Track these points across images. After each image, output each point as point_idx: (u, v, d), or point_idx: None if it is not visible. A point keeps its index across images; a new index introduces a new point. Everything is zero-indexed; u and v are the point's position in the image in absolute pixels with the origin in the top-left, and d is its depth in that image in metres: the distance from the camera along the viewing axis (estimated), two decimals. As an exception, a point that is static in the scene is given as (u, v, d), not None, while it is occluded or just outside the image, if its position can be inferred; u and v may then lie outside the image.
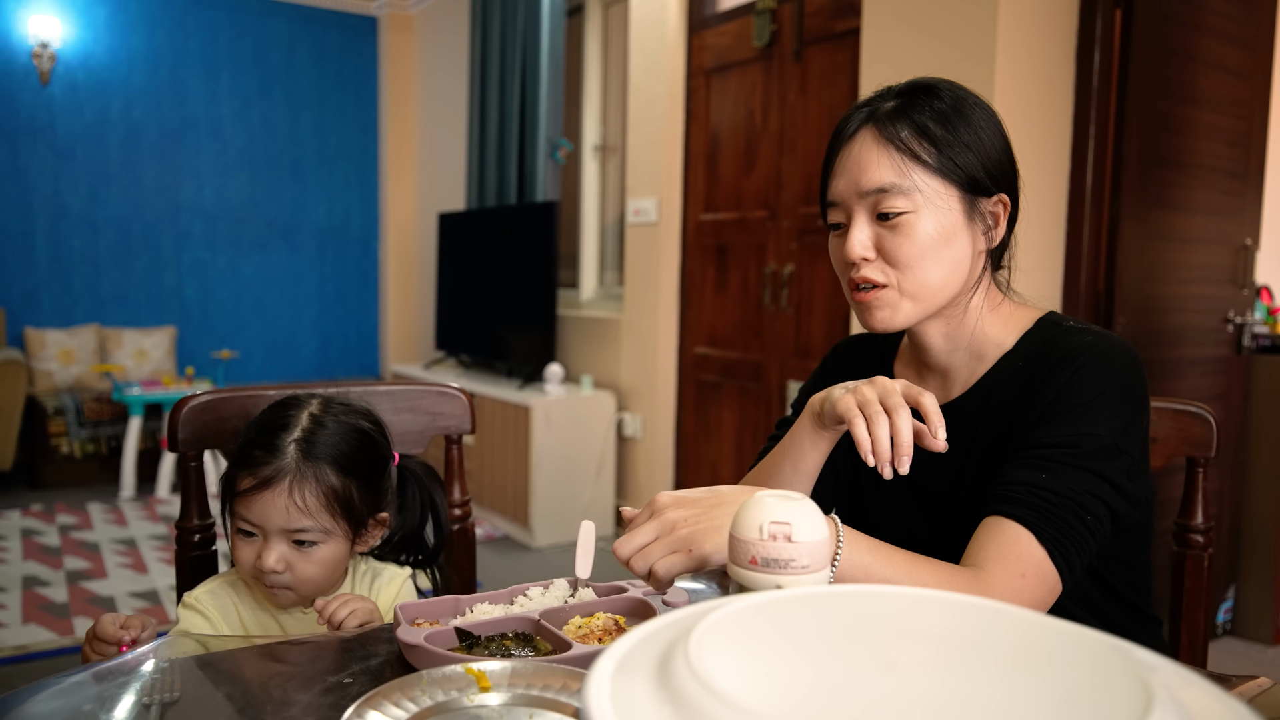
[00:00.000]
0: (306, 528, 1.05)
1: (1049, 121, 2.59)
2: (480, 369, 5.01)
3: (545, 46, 4.55)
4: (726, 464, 3.79)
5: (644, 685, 0.40)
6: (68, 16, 5.42)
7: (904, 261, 1.00)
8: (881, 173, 0.99)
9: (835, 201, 1.05)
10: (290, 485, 1.04)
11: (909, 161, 0.99)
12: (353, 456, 1.09)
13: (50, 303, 5.50)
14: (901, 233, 0.99)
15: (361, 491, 1.10)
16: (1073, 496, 0.91)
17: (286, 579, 1.05)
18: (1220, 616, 3.08)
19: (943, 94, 1.02)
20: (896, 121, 1.00)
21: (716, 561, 0.82)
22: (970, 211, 1.01)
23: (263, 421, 1.10)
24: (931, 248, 0.99)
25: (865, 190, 1.00)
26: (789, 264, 3.45)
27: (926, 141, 0.99)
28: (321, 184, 6.27)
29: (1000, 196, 1.03)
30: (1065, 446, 0.93)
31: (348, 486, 1.08)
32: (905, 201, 0.99)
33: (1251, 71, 2.94)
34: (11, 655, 2.79)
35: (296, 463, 1.05)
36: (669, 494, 0.88)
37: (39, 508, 4.49)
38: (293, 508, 1.04)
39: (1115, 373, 0.97)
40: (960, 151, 0.99)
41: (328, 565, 1.07)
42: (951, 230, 1.00)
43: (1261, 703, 0.72)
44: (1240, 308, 3.02)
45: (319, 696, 0.74)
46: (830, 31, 3.23)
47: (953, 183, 1.00)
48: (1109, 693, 0.39)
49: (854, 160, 1.02)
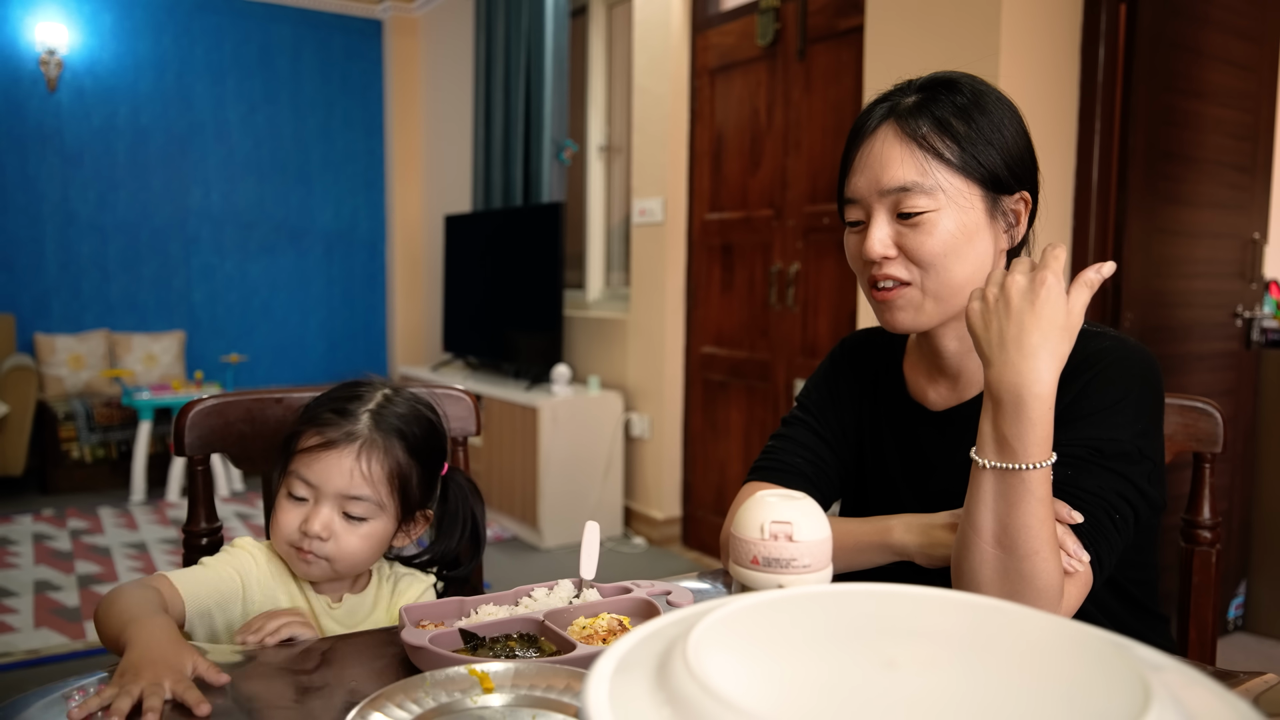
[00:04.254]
0: (364, 496, 1.03)
1: (1054, 117, 2.58)
2: (487, 370, 5.02)
3: (550, 47, 4.56)
4: (735, 463, 3.78)
5: (643, 685, 0.40)
6: (74, 23, 5.45)
7: (926, 260, 0.98)
8: (904, 171, 0.97)
9: (854, 199, 1.02)
10: (360, 450, 1.04)
11: (931, 159, 0.97)
12: (421, 439, 1.10)
13: (60, 309, 5.52)
14: (923, 231, 0.97)
15: (420, 477, 1.10)
16: (1100, 494, 0.91)
17: (329, 549, 1.03)
18: (1232, 612, 3.07)
19: (964, 89, 1.00)
20: (918, 117, 0.98)
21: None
22: (992, 210, 1.00)
23: (334, 393, 1.11)
24: (954, 246, 0.97)
25: (886, 188, 0.98)
26: (795, 263, 3.44)
27: (949, 138, 0.97)
28: (328, 187, 6.28)
29: (1022, 194, 1.01)
30: (1088, 448, 0.92)
31: (410, 467, 1.08)
32: (927, 200, 0.97)
33: (1258, 65, 2.93)
34: (23, 659, 2.81)
35: (369, 430, 1.05)
36: None
37: (50, 512, 4.52)
38: (357, 472, 1.03)
39: (1135, 379, 0.96)
40: (983, 149, 0.97)
41: (372, 541, 1.06)
42: (974, 229, 0.98)
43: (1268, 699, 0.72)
44: (1249, 302, 3.01)
45: (324, 699, 0.75)
46: (834, 29, 3.23)
47: (975, 181, 0.98)
48: (1108, 691, 0.39)
49: (875, 157, 0.99)
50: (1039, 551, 0.83)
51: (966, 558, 0.87)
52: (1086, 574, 0.89)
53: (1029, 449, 0.83)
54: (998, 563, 0.85)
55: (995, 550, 0.85)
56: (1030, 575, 0.84)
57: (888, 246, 0.99)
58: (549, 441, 3.96)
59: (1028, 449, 0.83)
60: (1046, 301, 0.84)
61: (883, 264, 1.00)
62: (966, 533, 0.87)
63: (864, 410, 1.17)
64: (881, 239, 0.99)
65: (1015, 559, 0.84)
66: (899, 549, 0.99)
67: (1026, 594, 0.84)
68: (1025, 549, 0.83)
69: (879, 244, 0.99)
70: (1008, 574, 0.85)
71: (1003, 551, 0.85)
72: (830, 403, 1.18)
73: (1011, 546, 0.84)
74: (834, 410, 1.18)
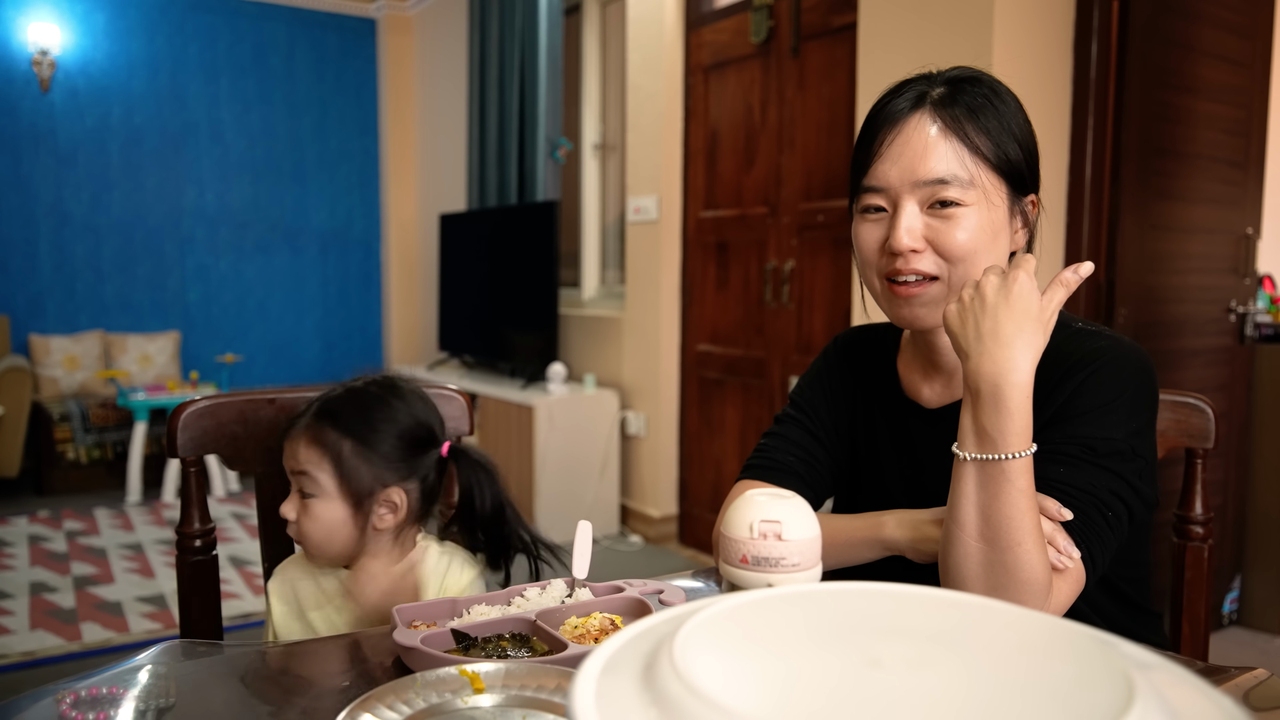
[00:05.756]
0: (305, 472, 1.10)
1: (1047, 114, 2.58)
2: (483, 369, 5.02)
3: (544, 45, 4.55)
4: (730, 461, 3.79)
5: (630, 685, 0.41)
6: (67, 24, 5.43)
7: (957, 254, 0.96)
8: (945, 163, 0.95)
9: (880, 186, 0.98)
10: (301, 432, 1.13)
11: (969, 152, 0.96)
12: (358, 419, 1.12)
13: (54, 309, 5.51)
14: (956, 224, 0.95)
15: (363, 457, 1.11)
16: (1093, 492, 0.91)
17: (295, 531, 1.13)
18: (1226, 606, 3.07)
19: (985, 83, 0.99)
20: (955, 109, 0.96)
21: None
22: (1013, 209, 1.00)
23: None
24: (982, 242, 0.96)
25: (924, 179, 0.95)
26: (790, 260, 3.44)
27: (984, 133, 0.96)
28: (323, 187, 6.28)
29: (1034, 196, 1.02)
30: (1082, 446, 0.93)
31: (343, 444, 1.10)
32: (966, 193, 0.95)
33: (1250, 60, 2.93)
34: (19, 661, 2.80)
35: (310, 413, 1.13)
36: None
37: (46, 514, 4.51)
38: (298, 451, 1.12)
39: (1129, 378, 0.96)
40: (1009, 144, 0.97)
41: (325, 526, 1.10)
42: (999, 226, 0.98)
43: (1258, 695, 0.72)
44: (1242, 297, 3.02)
45: (315, 700, 0.75)
46: (827, 26, 3.23)
47: (1003, 176, 0.97)
48: (1092, 689, 0.39)
49: (909, 146, 0.96)
50: (1021, 543, 0.83)
51: (952, 553, 0.87)
52: (1079, 571, 0.89)
53: (1008, 439, 0.84)
54: (982, 556, 0.85)
55: (979, 544, 0.85)
56: (1014, 567, 0.84)
57: (917, 239, 0.96)
58: (545, 440, 3.96)
59: (1007, 439, 0.84)
60: (1020, 296, 0.85)
61: (909, 257, 0.97)
62: (951, 528, 0.88)
63: (857, 407, 1.17)
64: (912, 230, 0.96)
65: (999, 551, 0.84)
66: (890, 544, 0.99)
67: (1011, 587, 0.84)
68: (1008, 540, 0.83)
69: (909, 235, 0.96)
70: (992, 567, 0.85)
71: (986, 545, 0.85)
72: (823, 400, 1.18)
73: (994, 539, 0.84)
74: (827, 408, 1.18)
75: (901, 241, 0.96)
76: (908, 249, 0.96)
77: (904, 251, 0.97)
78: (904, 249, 0.96)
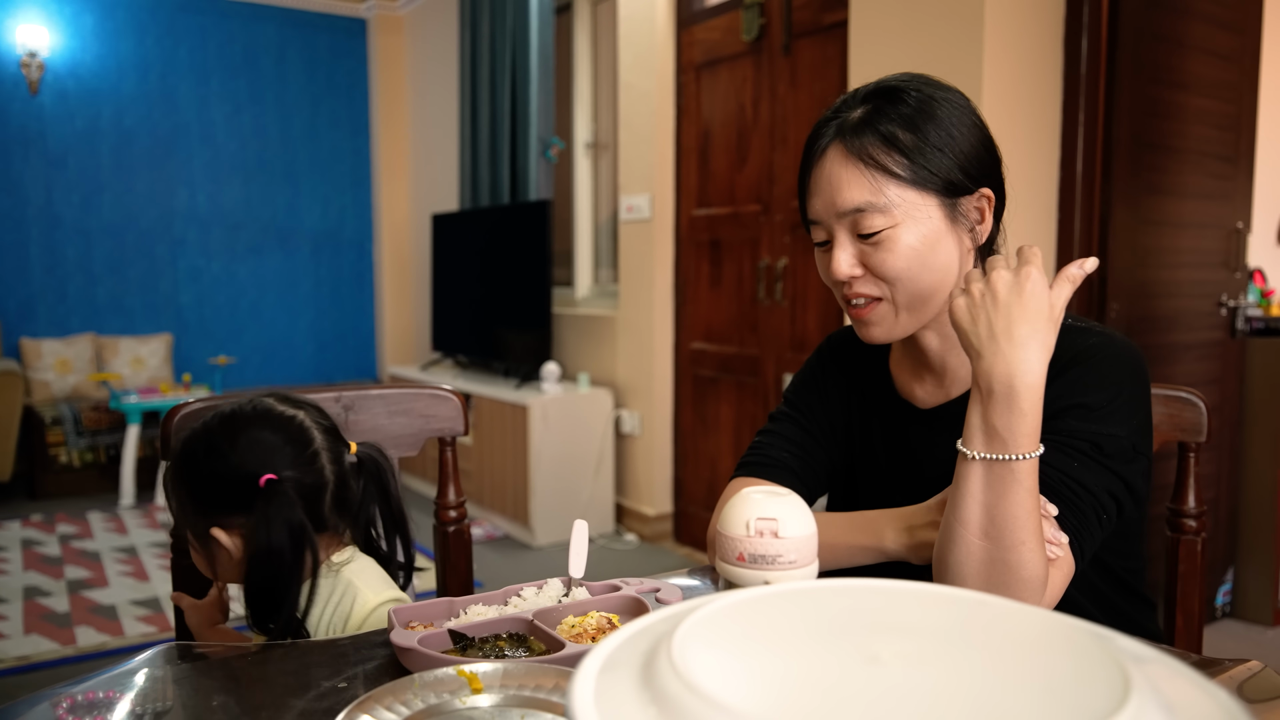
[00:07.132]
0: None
1: (1038, 109, 2.59)
2: (477, 369, 5.01)
3: (535, 44, 4.55)
4: (725, 458, 3.79)
5: (628, 684, 0.41)
6: (56, 25, 5.41)
7: (892, 275, 0.98)
8: (855, 193, 0.97)
9: (816, 220, 1.03)
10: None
11: (880, 177, 0.96)
12: (182, 462, 1.09)
13: (46, 313, 5.49)
14: (885, 248, 0.97)
15: (185, 500, 1.08)
16: (1095, 494, 0.93)
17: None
18: (1220, 599, 3.09)
19: (909, 96, 0.98)
20: (863, 135, 0.97)
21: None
22: (952, 214, 0.99)
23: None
24: (917, 258, 0.97)
25: (842, 210, 0.98)
26: (783, 257, 3.45)
27: (896, 153, 0.96)
28: (315, 187, 6.26)
29: (983, 191, 1.00)
30: (1091, 444, 0.94)
31: (172, 491, 1.11)
32: (883, 218, 0.96)
33: (1240, 55, 2.94)
34: (13, 666, 2.79)
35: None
36: None
37: (39, 518, 4.49)
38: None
39: (1126, 376, 0.97)
40: (932, 156, 0.96)
41: (205, 565, 1.11)
42: (935, 238, 0.98)
43: (1251, 686, 0.73)
44: (1233, 291, 3.03)
45: (312, 702, 0.75)
46: (819, 24, 3.23)
47: (929, 190, 0.97)
48: (1089, 682, 0.39)
49: (826, 180, 0.99)
50: (1025, 542, 0.84)
51: (952, 550, 0.88)
52: (1068, 559, 0.90)
53: (1019, 440, 0.84)
54: (984, 554, 0.86)
55: (982, 542, 0.86)
56: (1016, 565, 0.84)
57: (853, 266, 1.00)
58: (539, 439, 3.96)
59: (1018, 440, 0.84)
60: (1033, 294, 0.85)
61: (851, 283, 1.01)
62: (952, 525, 0.88)
63: (852, 406, 1.17)
64: (846, 260, 1.00)
65: (1002, 549, 0.85)
66: (890, 555, 1.00)
67: (1012, 585, 0.85)
68: (1012, 539, 0.84)
69: (844, 265, 1.00)
70: (994, 565, 0.85)
71: (989, 543, 0.85)
72: (818, 399, 1.19)
73: (998, 537, 0.85)
74: (821, 406, 1.18)
75: (839, 272, 1.00)
76: (846, 277, 1.00)
77: (843, 280, 1.00)
78: (842, 278, 1.00)
